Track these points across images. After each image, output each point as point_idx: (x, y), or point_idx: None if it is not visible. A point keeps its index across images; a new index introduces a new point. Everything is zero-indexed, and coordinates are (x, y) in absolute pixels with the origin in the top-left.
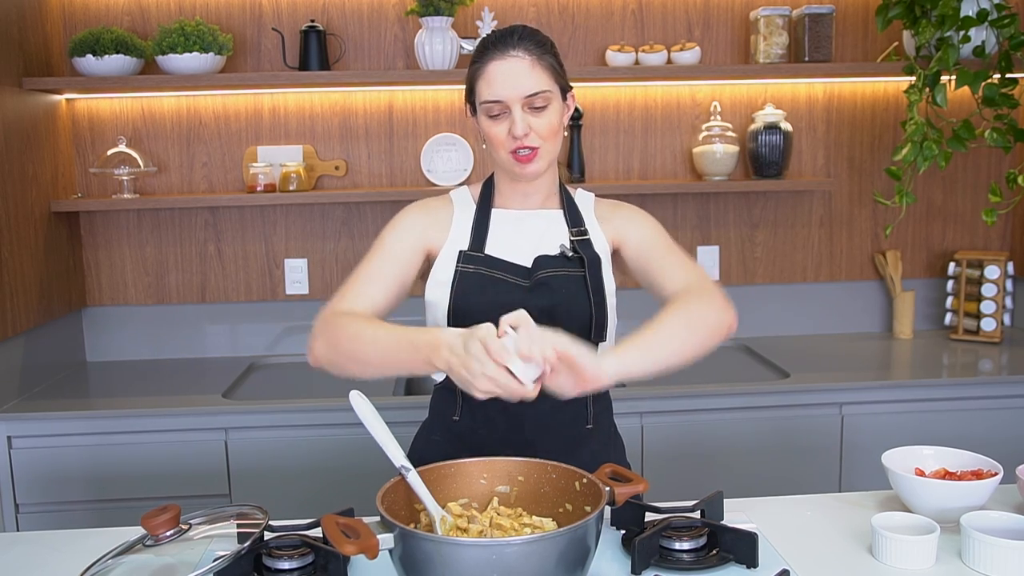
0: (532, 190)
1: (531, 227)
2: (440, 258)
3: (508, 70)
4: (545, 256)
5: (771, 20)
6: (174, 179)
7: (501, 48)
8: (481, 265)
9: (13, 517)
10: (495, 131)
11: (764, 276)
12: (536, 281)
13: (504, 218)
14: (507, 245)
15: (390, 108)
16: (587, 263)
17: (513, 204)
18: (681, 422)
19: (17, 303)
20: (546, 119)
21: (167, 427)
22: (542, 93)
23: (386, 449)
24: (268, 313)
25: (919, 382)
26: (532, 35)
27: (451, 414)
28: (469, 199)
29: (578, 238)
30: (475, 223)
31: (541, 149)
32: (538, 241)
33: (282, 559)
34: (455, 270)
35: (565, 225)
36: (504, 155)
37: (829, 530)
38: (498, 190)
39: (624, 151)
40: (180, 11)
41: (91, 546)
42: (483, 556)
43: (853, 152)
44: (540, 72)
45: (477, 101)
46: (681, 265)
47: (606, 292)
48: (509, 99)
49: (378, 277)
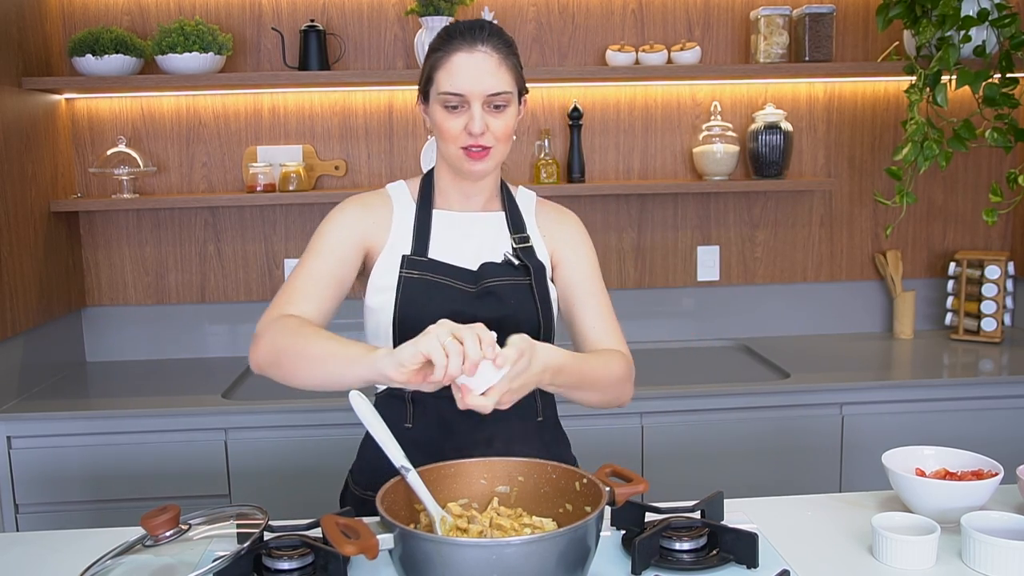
0: (475, 191)
1: (474, 230)
2: (380, 262)
3: (474, 65)
4: (491, 264)
5: (771, 20)
6: (174, 179)
7: (469, 40)
8: (426, 270)
9: (13, 517)
10: (449, 124)
11: (764, 276)
12: (483, 289)
13: (446, 220)
14: (450, 249)
15: (390, 108)
16: (533, 272)
17: (455, 205)
18: (681, 422)
19: (17, 303)
20: (503, 120)
21: (167, 427)
22: (504, 94)
23: (386, 449)
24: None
25: (919, 382)
26: (500, 33)
27: (402, 421)
28: (408, 197)
29: (521, 245)
30: (416, 225)
31: (494, 150)
32: (480, 244)
33: (282, 559)
34: (399, 276)
35: (507, 228)
36: (454, 150)
37: (829, 530)
38: (439, 189)
39: (624, 151)
40: (180, 11)
41: (91, 546)
42: (483, 556)
43: (853, 152)
44: (505, 72)
45: (434, 90)
46: (605, 317)
47: (551, 300)
48: (471, 94)
49: (319, 277)
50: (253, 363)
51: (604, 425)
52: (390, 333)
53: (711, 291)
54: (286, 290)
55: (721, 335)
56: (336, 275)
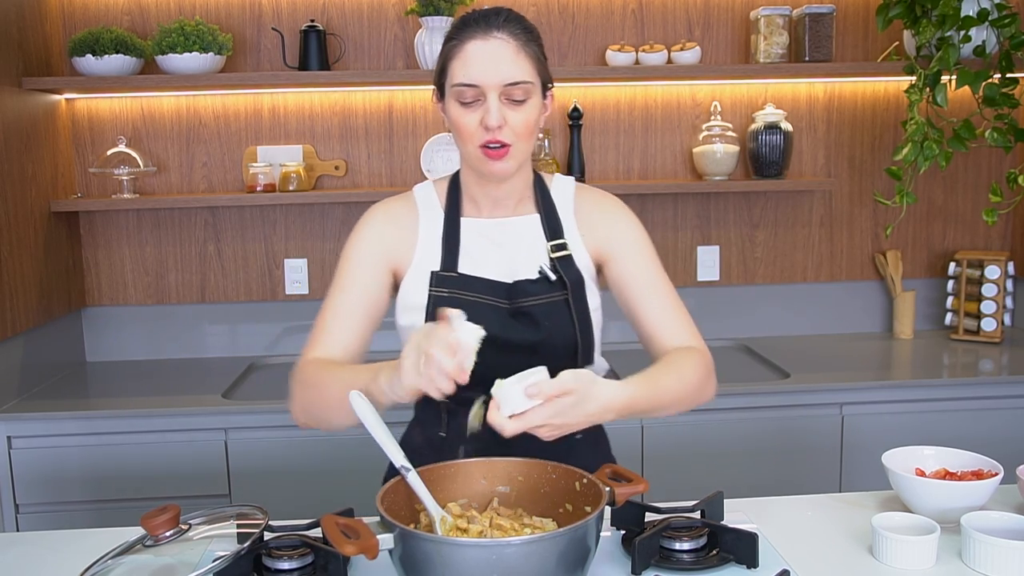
0: (503, 193)
1: (506, 237)
2: (408, 279)
3: (489, 53)
4: (526, 281)
5: (771, 20)
6: (174, 179)
7: (483, 27)
8: (456, 287)
9: (13, 517)
10: (465, 120)
11: (764, 276)
12: (517, 309)
13: (475, 229)
14: (481, 260)
15: (390, 108)
16: (570, 287)
17: (484, 211)
18: (681, 422)
19: (17, 303)
20: (523, 114)
21: (167, 427)
22: (523, 84)
23: (386, 449)
24: (268, 313)
25: (919, 382)
26: (519, 20)
27: (437, 429)
28: (435, 202)
29: (558, 255)
30: (444, 237)
31: (513, 147)
32: (514, 253)
33: (282, 559)
34: (428, 294)
35: (543, 232)
36: (472, 148)
37: (829, 530)
38: (466, 193)
39: (624, 151)
40: (180, 11)
41: (91, 546)
42: (483, 556)
43: (853, 152)
44: (524, 60)
45: (448, 83)
46: (669, 310)
47: (590, 312)
48: (486, 85)
49: (345, 314)
50: (296, 422)
51: (604, 425)
52: None
53: (711, 291)
54: (315, 329)
55: (721, 335)
56: (363, 306)
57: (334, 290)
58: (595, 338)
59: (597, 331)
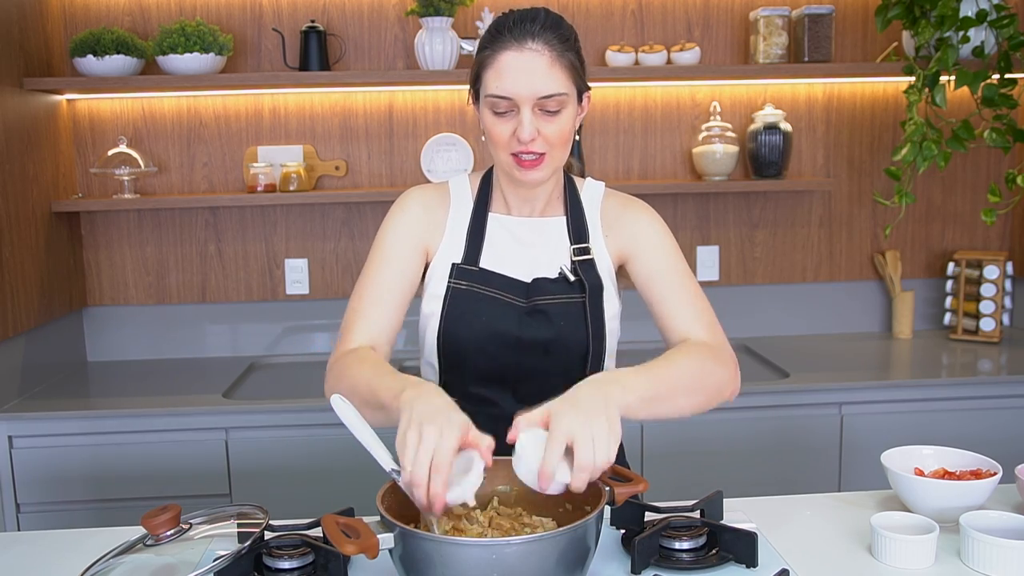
0: (533, 195)
1: (531, 237)
2: (433, 266)
3: (523, 65)
4: (544, 279)
5: (771, 20)
6: (174, 179)
7: (518, 37)
8: (474, 281)
9: (13, 517)
10: (498, 130)
11: (764, 276)
12: (533, 307)
13: (502, 226)
14: (504, 257)
15: (390, 108)
16: (588, 290)
17: (512, 209)
18: (681, 422)
19: (18, 303)
20: (557, 125)
21: (167, 427)
22: (557, 96)
23: (373, 453)
24: (268, 313)
25: (919, 382)
26: (555, 26)
27: None
28: (467, 195)
29: (580, 258)
30: (470, 230)
31: (548, 156)
32: (538, 254)
33: (282, 559)
34: (447, 285)
35: (567, 235)
36: (505, 156)
37: (829, 530)
38: (496, 190)
39: (624, 151)
40: (180, 11)
41: (91, 546)
42: (483, 556)
43: (853, 152)
44: (559, 72)
45: (482, 92)
46: (687, 304)
47: (606, 319)
48: (519, 97)
49: (382, 295)
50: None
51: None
52: (435, 349)
53: (711, 291)
54: (352, 313)
55: None
56: (399, 284)
57: (370, 268)
58: (608, 346)
59: (612, 340)
